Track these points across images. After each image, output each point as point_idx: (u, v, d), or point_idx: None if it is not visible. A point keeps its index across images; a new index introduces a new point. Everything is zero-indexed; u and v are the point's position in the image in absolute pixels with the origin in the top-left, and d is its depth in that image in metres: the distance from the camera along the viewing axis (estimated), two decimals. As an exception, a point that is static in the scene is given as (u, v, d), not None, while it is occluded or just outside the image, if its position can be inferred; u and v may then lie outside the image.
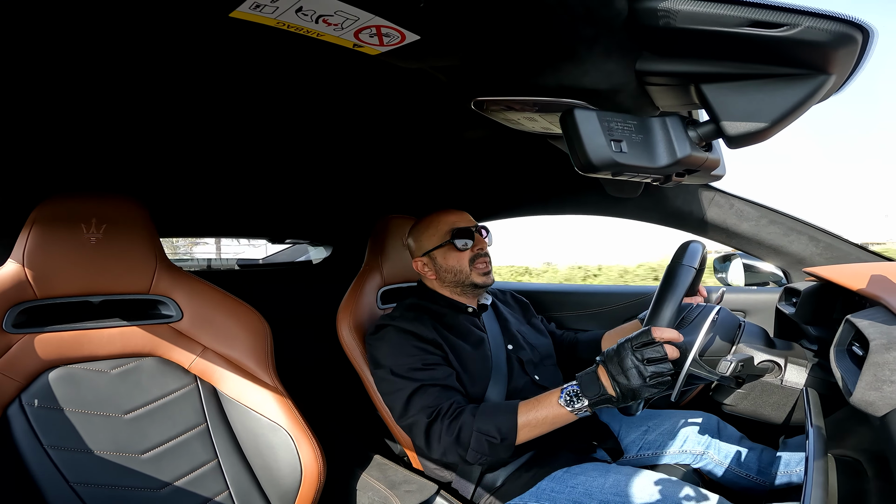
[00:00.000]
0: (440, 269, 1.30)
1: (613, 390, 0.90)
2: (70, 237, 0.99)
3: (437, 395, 1.08)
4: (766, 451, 1.22)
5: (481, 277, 1.28)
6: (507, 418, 0.99)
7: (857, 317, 0.81)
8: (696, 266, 1.05)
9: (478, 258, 1.29)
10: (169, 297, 1.11)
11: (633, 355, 0.89)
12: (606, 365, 0.92)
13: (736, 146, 0.64)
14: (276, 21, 0.56)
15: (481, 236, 1.31)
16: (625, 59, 0.63)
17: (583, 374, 0.96)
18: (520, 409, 1.00)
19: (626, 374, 0.89)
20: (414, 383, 1.09)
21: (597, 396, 0.92)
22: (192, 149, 1.16)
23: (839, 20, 0.49)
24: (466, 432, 1.01)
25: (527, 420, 0.99)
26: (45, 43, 0.65)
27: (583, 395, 0.93)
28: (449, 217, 1.31)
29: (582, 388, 0.94)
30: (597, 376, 0.93)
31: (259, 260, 2.63)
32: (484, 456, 1.00)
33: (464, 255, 1.28)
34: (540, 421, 0.98)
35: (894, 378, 0.63)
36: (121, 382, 1.02)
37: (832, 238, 1.41)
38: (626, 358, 0.90)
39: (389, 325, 1.20)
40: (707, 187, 1.46)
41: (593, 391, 0.92)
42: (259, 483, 1.07)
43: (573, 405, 0.94)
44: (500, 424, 0.99)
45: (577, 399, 0.94)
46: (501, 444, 0.98)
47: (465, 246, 1.28)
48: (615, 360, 0.91)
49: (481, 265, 1.29)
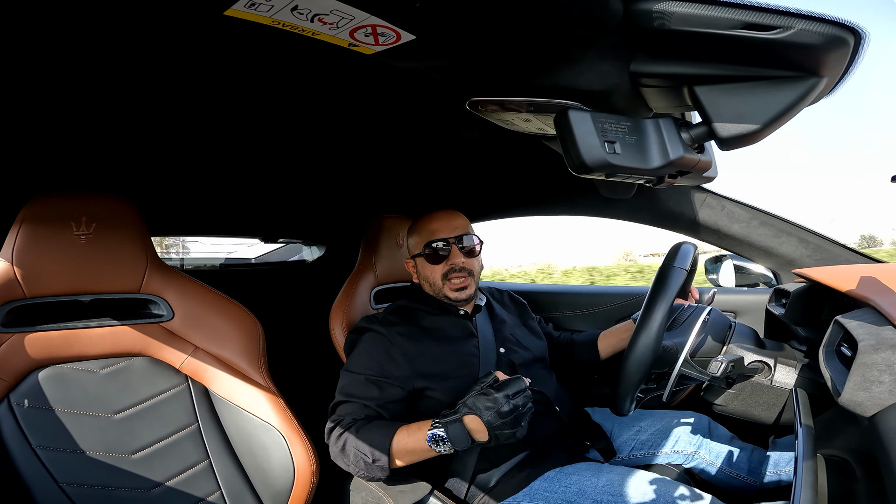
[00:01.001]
0: (420, 275, 1.30)
1: (489, 439, 0.94)
2: (60, 236, 0.98)
3: (350, 409, 1.09)
4: (756, 450, 1.23)
5: (454, 293, 1.24)
6: (382, 442, 1.00)
7: (846, 318, 0.82)
8: (688, 267, 1.05)
9: (451, 273, 1.24)
10: (160, 296, 1.10)
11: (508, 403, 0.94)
12: (477, 415, 0.95)
13: (728, 148, 0.65)
14: (271, 20, 0.55)
15: (459, 250, 1.25)
16: (619, 60, 0.64)
17: (448, 422, 0.97)
18: (396, 434, 1.01)
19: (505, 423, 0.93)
20: (342, 396, 1.11)
21: (467, 444, 0.95)
22: (184, 147, 1.15)
23: (831, 23, 0.50)
24: (349, 447, 1.02)
25: (399, 448, 1.00)
26: (36, 39, 0.65)
27: (453, 444, 0.95)
28: (432, 224, 1.27)
29: (451, 440, 0.95)
30: (465, 427, 0.96)
31: (252, 259, 2.61)
32: (362, 471, 1.02)
33: (437, 268, 1.25)
34: (410, 451, 1.00)
35: (882, 378, 0.64)
36: (110, 382, 1.01)
37: (821, 240, 1.42)
38: (501, 405, 0.94)
39: (368, 330, 1.20)
40: (699, 189, 1.47)
41: (463, 442, 0.95)
42: (251, 483, 1.06)
43: (439, 448, 0.97)
44: (374, 446, 1.00)
45: (444, 444, 0.96)
46: (374, 464, 1.00)
47: (438, 259, 1.25)
48: (488, 411, 0.94)
49: (455, 280, 1.24)
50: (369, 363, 1.14)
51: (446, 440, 0.95)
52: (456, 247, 1.25)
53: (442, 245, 1.24)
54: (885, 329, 0.72)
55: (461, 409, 0.98)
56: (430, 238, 1.25)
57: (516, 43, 0.62)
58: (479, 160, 1.42)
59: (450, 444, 0.95)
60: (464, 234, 1.26)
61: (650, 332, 0.98)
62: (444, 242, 1.24)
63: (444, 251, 1.24)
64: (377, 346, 1.16)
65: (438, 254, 1.24)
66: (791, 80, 0.57)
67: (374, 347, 1.16)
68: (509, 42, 0.61)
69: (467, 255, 1.26)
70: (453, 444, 0.95)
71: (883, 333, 0.70)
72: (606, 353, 1.42)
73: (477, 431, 0.95)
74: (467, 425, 0.96)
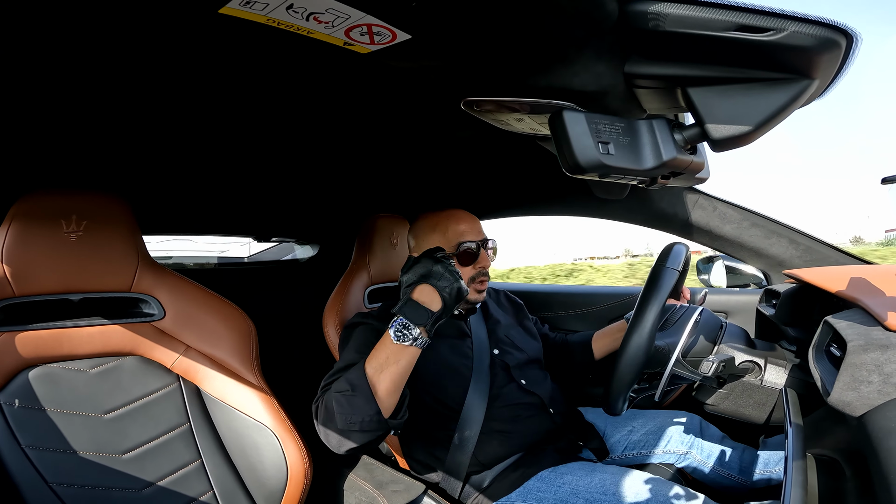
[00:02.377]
0: None
1: (442, 301, 0.96)
2: (49, 234, 0.97)
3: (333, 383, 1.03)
4: (747, 450, 1.24)
5: (476, 295, 1.25)
6: (356, 370, 0.96)
7: (835, 318, 0.83)
8: (680, 268, 1.06)
9: (479, 276, 1.25)
10: (151, 295, 1.09)
11: (438, 264, 0.99)
12: (426, 282, 0.97)
13: (720, 149, 0.65)
14: (266, 18, 0.55)
15: (486, 253, 1.26)
16: (614, 61, 0.64)
17: (399, 308, 0.97)
18: (367, 360, 0.98)
19: (444, 277, 0.97)
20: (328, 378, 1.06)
21: (429, 317, 0.95)
22: (176, 145, 1.15)
23: (824, 25, 0.50)
24: (330, 402, 0.96)
25: (373, 366, 0.95)
26: (26, 35, 0.64)
27: (413, 324, 0.94)
28: (460, 225, 1.26)
29: (411, 319, 0.94)
30: (415, 301, 0.96)
31: (244, 258, 2.60)
32: (350, 416, 0.92)
33: (465, 271, 1.24)
34: (384, 361, 0.95)
35: (871, 378, 0.65)
36: (100, 382, 1.00)
37: (811, 241, 1.44)
38: (436, 266, 0.98)
39: (361, 323, 1.19)
40: (691, 190, 1.48)
41: (422, 315, 0.94)
42: (244, 483, 1.06)
43: (408, 338, 0.94)
44: (349, 377, 0.96)
45: (408, 329, 0.94)
46: (356, 395, 0.93)
47: (469, 262, 1.24)
48: (431, 276, 0.98)
49: (479, 283, 1.25)
50: (361, 348, 1.11)
51: (408, 324, 0.93)
52: (484, 250, 1.25)
53: (473, 247, 1.24)
54: (874, 329, 0.73)
55: (405, 291, 1.00)
56: (461, 239, 1.24)
57: (512, 43, 0.62)
58: (473, 160, 1.42)
59: (413, 325, 0.93)
60: (487, 238, 1.28)
61: (642, 332, 0.99)
62: (475, 245, 1.24)
63: (474, 254, 1.24)
64: (370, 336, 1.14)
65: (469, 255, 1.23)
66: (783, 81, 0.58)
67: (367, 338, 1.14)
68: (505, 42, 0.62)
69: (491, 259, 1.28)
70: (414, 321, 0.93)
71: (872, 334, 0.71)
72: (601, 353, 1.43)
73: (429, 301, 0.95)
74: (418, 299, 0.96)
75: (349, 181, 1.60)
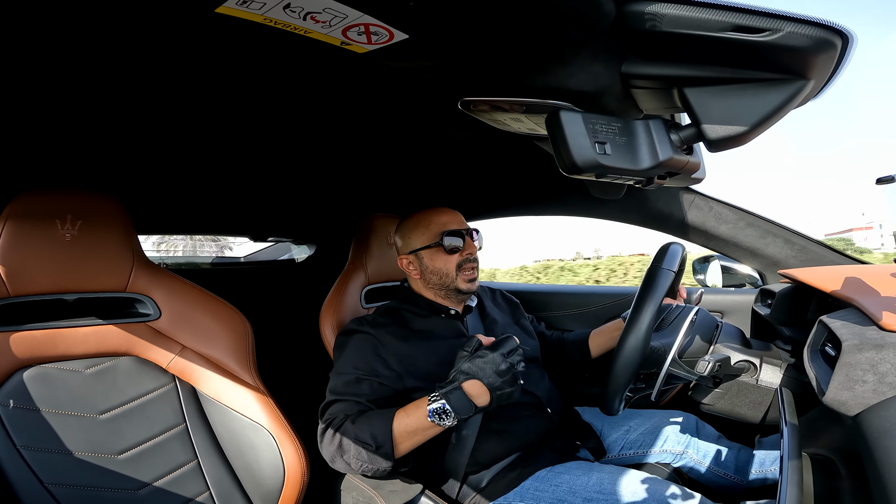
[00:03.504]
0: (425, 269, 1.29)
1: (490, 402, 0.95)
2: (44, 233, 0.97)
3: (342, 407, 1.07)
4: (743, 449, 1.24)
5: (466, 284, 1.26)
6: (383, 426, 0.98)
7: (830, 318, 0.83)
8: (676, 268, 1.06)
9: (466, 263, 1.26)
10: (146, 295, 1.09)
11: (505, 362, 0.95)
12: (476, 378, 0.95)
13: (716, 149, 0.65)
14: (262, 17, 0.55)
15: (472, 240, 1.29)
16: (611, 61, 0.64)
17: (448, 391, 0.96)
18: (395, 417, 0.99)
19: (506, 381, 0.94)
20: (332, 395, 1.10)
21: (472, 410, 0.95)
22: (172, 144, 1.14)
23: (819, 25, 0.51)
24: (347, 440, 1.00)
25: (400, 430, 0.98)
26: (21, 34, 0.63)
27: (456, 414, 0.94)
28: (441, 217, 1.28)
29: (455, 409, 0.94)
30: (466, 394, 0.95)
31: (241, 258, 2.59)
32: (365, 464, 0.99)
33: (452, 258, 1.25)
34: (412, 431, 0.98)
35: (866, 378, 0.65)
36: (95, 382, 1.00)
37: (806, 241, 1.44)
38: (499, 364, 0.95)
39: (356, 332, 1.19)
40: (688, 190, 1.49)
41: (466, 410, 0.94)
42: (241, 484, 1.06)
43: (443, 421, 0.95)
44: (374, 431, 0.98)
45: (447, 416, 0.95)
46: (377, 451, 0.97)
47: (455, 250, 1.25)
48: (486, 372, 0.94)
49: (468, 271, 1.26)
50: (358, 363, 1.13)
51: (449, 411, 0.94)
52: (469, 238, 1.28)
53: (457, 235, 1.26)
54: (869, 329, 0.73)
55: (458, 377, 0.96)
56: (443, 229, 1.26)
57: (509, 43, 0.62)
58: (470, 160, 1.42)
59: (453, 414, 0.94)
60: (472, 229, 1.30)
61: (639, 332, 0.99)
62: (460, 232, 1.26)
63: (458, 242, 1.26)
64: (366, 346, 1.15)
65: (454, 243, 1.26)
66: (779, 82, 0.58)
67: (363, 348, 1.15)
68: (502, 42, 0.62)
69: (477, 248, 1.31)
70: (457, 413, 0.94)
71: (866, 333, 0.71)
72: (597, 352, 1.43)
73: (477, 396, 0.94)
74: (467, 391, 0.94)
75: (346, 181, 1.60)
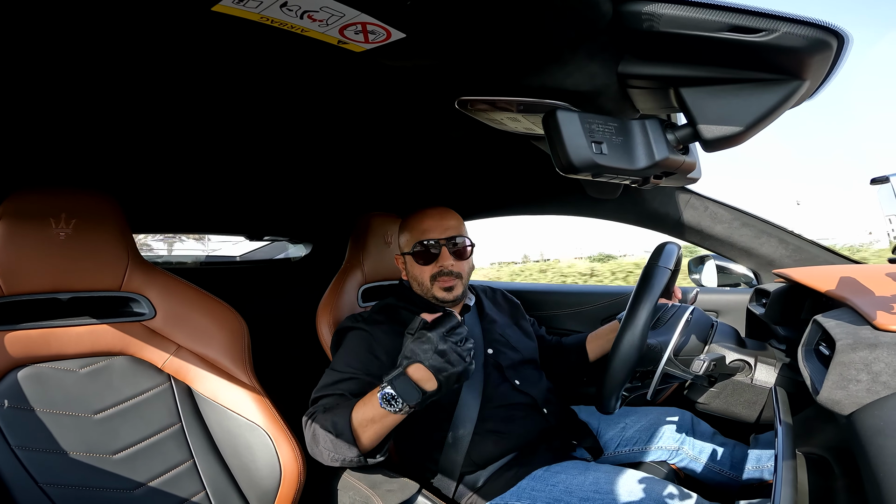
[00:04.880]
0: (409, 274, 1.29)
1: (437, 384, 0.90)
2: (38, 232, 0.96)
3: (326, 401, 1.06)
4: (738, 446, 1.25)
5: (442, 293, 1.23)
6: (343, 414, 0.97)
7: (825, 317, 0.83)
8: (671, 268, 1.07)
9: (440, 276, 1.23)
10: (141, 294, 1.08)
11: (444, 341, 0.90)
12: (417, 360, 0.91)
13: (712, 150, 0.66)
14: (259, 16, 0.55)
15: (450, 252, 1.23)
16: (608, 61, 0.64)
17: (393, 377, 0.92)
18: (355, 407, 0.97)
19: (448, 361, 0.89)
20: (319, 392, 1.09)
21: (420, 396, 0.91)
22: (168, 142, 1.14)
23: (815, 26, 0.51)
24: (318, 430, 0.99)
25: (359, 419, 0.96)
26: (14, 31, 0.63)
27: (405, 400, 0.91)
28: (424, 223, 1.25)
29: (401, 395, 0.91)
30: (411, 379, 0.91)
31: (237, 257, 2.58)
32: (332, 453, 0.97)
33: (426, 269, 1.24)
34: (370, 420, 0.95)
35: (860, 377, 0.65)
36: (90, 382, 1.00)
37: (801, 241, 1.45)
38: (436, 344, 0.90)
39: (352, 328, 1.19)
40: (683, 190, 1.49)
41: (413, 394, 0.90)
42: (237, 483, 1.05)
43: (395, 407, 0.92)
44: (336, 419, 0.97)
45: (396, 402, 0.91)
46: (339, 438, 0.95)
47: (428, 261, 1.23)
48: (426, 354, 0.90)
49: (442, 282, 1.23)
50: (352, 361, 1.13)
51: (396, 397, 0.91)
52: (446, 248, 1.23)
53: (432, 245, 1.23)
54: (863, 328, 0.73)
55: (402, 362, 0.93)
56: (420, 237, 1.23)
57: (506, 43, 0.62)
58: (467, 159, 1.42)
59: (401, 400, 0.91)
60: (456, 236, 1.25)
61: (635, 331, 0.99)
62: (435, 243, 1.22)
63: (435, 252, 1.23)
64: (360, 344, 1.15)
65: (429, 253, 1.23)
66: (774, 82, 0.58)
67: (358, 346, 1.15)
68: (499, 42, 0.62)
69: (457, 258, 1.24)
70: (404, 399, 0.90)
71: (860, 333, 0.72)
72: (595, 355, 1.43)
73: (423, 380, 0.91)
74: (412, 376, 0.91)
75: (343, 180, 1.60)
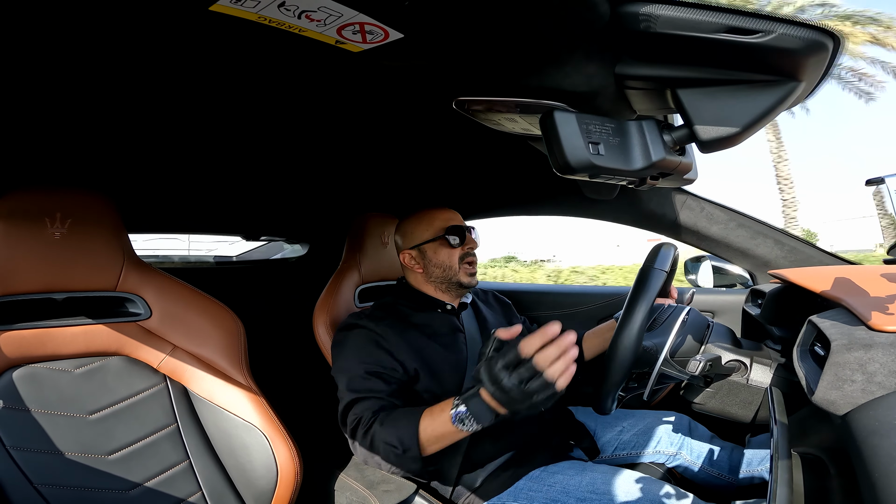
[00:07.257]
0: (429, 263, 1.30)
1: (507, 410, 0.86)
2: (33, 232, 0.95)
3: (367, 406, 1.05)
4: (736, 449, 1.25)
5: (467, 277, 1.30)
6: (409, 430, 0.97)
7: (820, 318, 0.84)
8: (668, 269, 1.07)
9: (467, 257, 1.30)
10: (137, 294, 1.08)
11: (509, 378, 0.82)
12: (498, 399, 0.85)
13: (708, 150, 0.66)
14: (257, 16, 0.55)
15: (472, 237, 1.33)
16: (605, 62, 0.64)
17: (467, 398, 0.90)
18: (421, 421, 0.97)
19: (510, 399, 0.83)
20: (352, 394, 1.08)
21: (494, 417, 0.88)
22: (164, 142, 1.13)
23: (812, 27, 0.51)
24: (377, 442, 1.00)
25: (427, 435, 0.95)
26: (9, 30, 0.63)
27: (477, 421, 0.89)
28: (444, 214, 1.33)
29: (475, 416, 0.89)
30: (484, 401, 0.87)
31: (233, 257, 2.57)
32: (394, 465, 1.00)
33: (454, 252, 1.29)
34: (439, 436, 0.95)
35: (854, 377, 0.66)
36: (85, 382, 0.99)
37: (796, 241, 1.46)
38: (500, 379, 0.83)
39: (355, 326, 1.19)
40: (679, 191, 1.50)
41: (487, 417, 0.88)
42: (233, 484, 1.05)
43: (468, 426, 0.90)
44: (401, 435, 0.97)
45: (469, 421, 0.89)
46: (405, 454, 0.96)
47: (457, 244, 1.29)
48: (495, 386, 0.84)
49: (469, 265, 1.30)
50: (364, 357, 1.12)
51: (470, 417, 0.89)
52: (469, 234, 1.32)
53: (460, 230, 1.31)
54: (858, 329, 0.74)
55: (476, 384, 0.90)
56: (447, 224, 1.30)
57: (504, 44, 0.62)
58: (464, 160, 1.43)
59: (474, 420, 0.89)
60: (471, 227, 1.35)
61: (631, 332, 0.99)
62: (460, 229, 1.31)
63: (463, 236, 1.31)
64: (367, 341, 1.15)
65: (460, 236, 1.30)
66: (770, 84, 0.59)
67: (365, 343, 1.15)
68: (497, 42, 0.62)
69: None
70: (478, 420, 0.89)
71: (855, 333, 0.72)
72: (591, 353, 1.43)
73: (496, 405, 0.87)
74: (487, 401, 0.88)
75: (339, 180, 1.60)
